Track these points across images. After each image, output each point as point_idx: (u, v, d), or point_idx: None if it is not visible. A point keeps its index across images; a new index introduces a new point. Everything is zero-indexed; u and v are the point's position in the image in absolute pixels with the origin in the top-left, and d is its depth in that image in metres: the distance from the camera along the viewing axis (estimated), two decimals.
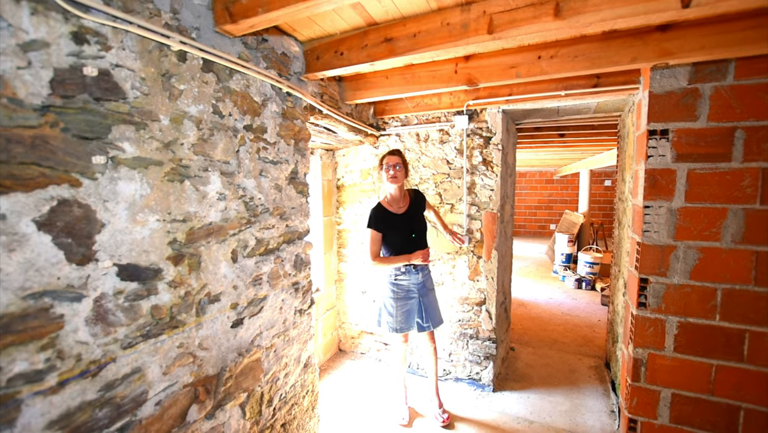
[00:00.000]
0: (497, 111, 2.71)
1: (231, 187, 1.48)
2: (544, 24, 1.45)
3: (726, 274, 1.91)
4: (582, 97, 2.41)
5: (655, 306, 2.06)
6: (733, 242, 1.89)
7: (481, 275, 2.83)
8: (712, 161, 1.91)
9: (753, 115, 1.83)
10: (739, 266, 1.89)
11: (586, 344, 3.75)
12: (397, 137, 3.08)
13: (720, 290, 1.93)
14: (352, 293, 3.42)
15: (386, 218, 2.41)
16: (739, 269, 1.89)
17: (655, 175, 2.01)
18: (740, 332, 1.91)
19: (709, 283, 1.95)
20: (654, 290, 2.05)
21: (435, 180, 2.96)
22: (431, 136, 2.95)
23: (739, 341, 1.91)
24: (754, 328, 1.89)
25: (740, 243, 1.88)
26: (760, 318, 1.88)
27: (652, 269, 2.05)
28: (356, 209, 3.32)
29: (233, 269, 1.48)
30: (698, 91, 1.92)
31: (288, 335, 1.83)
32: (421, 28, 1.65)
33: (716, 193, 1.91)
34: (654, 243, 2.03)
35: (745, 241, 1.87)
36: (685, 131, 1.94)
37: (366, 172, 3.24)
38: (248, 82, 1.59)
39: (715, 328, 1.95)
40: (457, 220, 2.88)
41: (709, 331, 1.97)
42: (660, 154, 2.00)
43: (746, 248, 1.87)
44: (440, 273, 2.98)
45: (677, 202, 1.98)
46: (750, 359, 1.90)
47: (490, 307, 2.82)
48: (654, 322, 2.07)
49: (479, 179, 2.79)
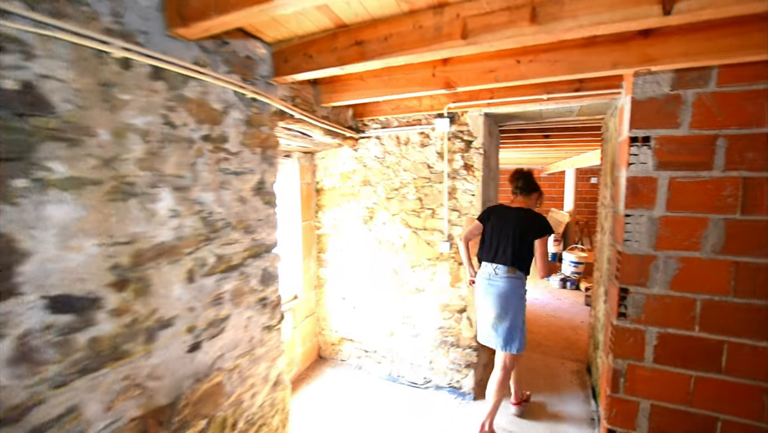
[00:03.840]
0: (479, 114, 2.63)
1: (185, 202, 1.38)
2: (520, 29, 1.37)
3: (706, 284, 1.88)
4: (564, 101, 2.35)
5: (635, 316, 2.02)
6: (713, 252, 1.85)
7: (462, 281, 2.77)
8: (693, 170, 1.86)
9: (735, 123, 1.79)
10: (718, 277, 1.86)
11: (569, 347, 3.74)
12: (377, 140, 2.98)
13: (699, 301, 1.90)
14: (332, 299, 3.34)
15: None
16: (719, 279, 1.86)
17: (637, 183, 1.96)
18: (719, 343, 1.89)
19: (689, 293, 1.91)
20: (634, 300, 2.01)
21: (416, 184, 2.88)
22: (412, 140, 2.86)
23: (718, 352, 1.89)
24: (732, 339, 1.86)
25: (720, 253, 1.84)
26: (738, 329, 1.85)
27: (633, 279, 2.01)
28: (336, 214, 3.22)
29: (189, 290, 1.39)
30: (681, 97, 1.87)
31: (255, 354, 1.74)
32: (393, 30, 1.56)
33: (697, 203, 1.87)
34: (634, 253, 1.99)
35: (725, 251, 1.83)
36: (667, 138, 1.89)
37: (345, 176, 3.15)
38: (206, 89, 1.48)
39: (694, 339, 1.92)
40: (438, 226, 2.82)
41: (688, 342, 1.94)
42: (641, 161, 1.94)
43: (726, 259, 1.84)
44: (421, 280, 2.92)
45: (658, 211, 1.93)
46: (728, 371, 1.88)
47: (471, 314, 2.76)
48: (634, 332, 2.03)
49: (460, 184, 2.72)
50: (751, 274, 1.80)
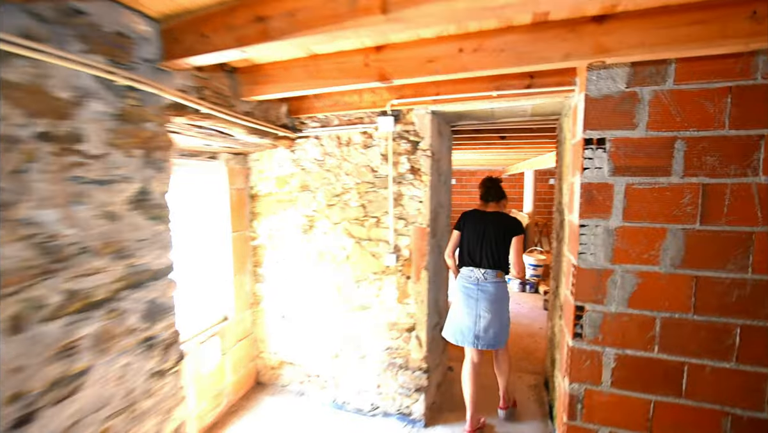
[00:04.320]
0: (425, 112, 2.37)
1: (5, 225, 1.00)
2: (451, 3, 1.10)
3: (665, 301, 1.71)
4: (515, 99, 2.13)
5: (591, 337, 1.83)
6: (673, 265, 1.69)
7: (410, 297, 2.50)
8: (651, 175, 1.69)
9: (693, 125, 1.62)
10: (678, 293, 1.70)
11: (527, 357, 3.58)
12: (316, 140, 2.66)
13: (659, 319, 1.73)
14: (271, 318, 2.98)
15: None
16: (679, 295, 1.70)
17: (592, 190, 1.77)
18: (679, 364, 1.73)
19: (648, 311, 1.74)
20: (591, 319, 1.82)
21: (359, 190, 2.58)
22: (354, 140, 2.56)
23: (678, 374, 1.73)
24: (693, 360, 1.71)
25: (680, 267, 1.68)
26: (699, 349, 1.70)
27: (589, 295, 1.81)
28: (272, 223, 2.86)
29: (11, 345, 1.01)
30: (637, 95, 1.68)
31: (137, 409, 1.37)
32: (299, 4, 1.24)
33: (655, 211, 1.69)
34: (590, 267, 1.79)
35: (685, 265, 1.67)
36: (624, 141, 1.71)
37: (283, 180, 2.80)
38: (44, 72, 1.10)
39: (653, 361, 1.75)
40: (384, 235, 2.53)
41: (647, 364, 1.77)
42: (596, 166, 1.75)
43: (686, 273, 1.68)
44: (366, 296, 2.62)
45: (615, 221, 1.74)
46: (689, 394, 1.72)
47: (420, 333, 2.50)
48: (591, 354, 1.84)
49: (407, 190, 2.45)
50: (712, 289, 1.65)
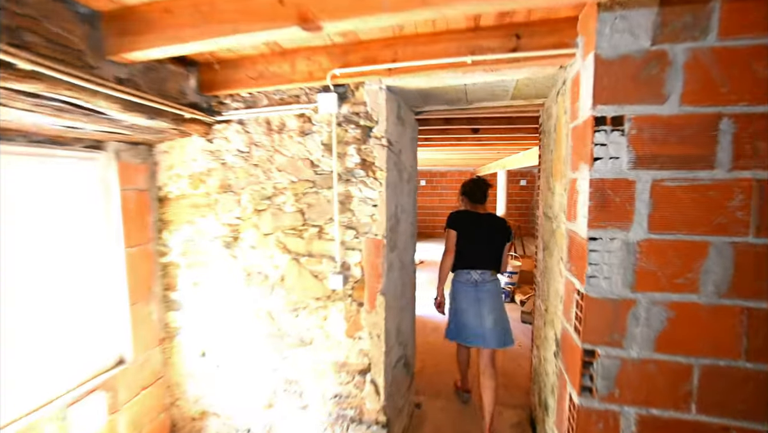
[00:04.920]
0: (379, 88, 1.80)
1: None
2: None
3: (706, 343, 1.25)
4: (496, 69, 1.61)
5: (605, 392, 1.32)
6: (717, 294, 1.22)
7: (362, 330, 1.92)
8: (687, 168, 1.21)
9: (745, 97, 1.16)
10: (724, 332, 1.23)
11: (507, 385, 3.09)
12: (240, 126, 2.03)
13: (697, 368, 1.26)
14: (189, 355, 2.31)
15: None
16: (725, 335, 1.23)
17: (605, 189, 1.26)
18: (723, 429, 1.25)
19: (682, 357, 1.26)
20: (604, 367, 1.32)
21: (295, 191, 1.98)
22: (288, 125, 1.96)
23: None
24: (744, 424, 1.24)
25: (726, 296, 1.22)
26: (752, 409, 1.22)
27: (602, 335, 1.31)
28: (187, 234, 2.20)
29: None
30: (666, 55, 1.20)
31: None
32: None
33: (693, 218, 1.22)
34: (603, 296, 1.29)
35: (734, 292, 1.21)
36: (649, 120, 1.22)
37: (198, 179, 2.15)
38: None
39: (689, 424, 1.28)
40: (328, 250, 1.94)
41: (680, 429, 1.28)
42: (612, 155, 1.25)
43: (735, 304, 1.21)
44: (307, 328, 2.02)
45: (637, 232, 1.25)
46: None
47: (377, 376, 1.92)
48: (604, 415, 1.34)
49: (357, 190, 1.87)
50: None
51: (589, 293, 1.30)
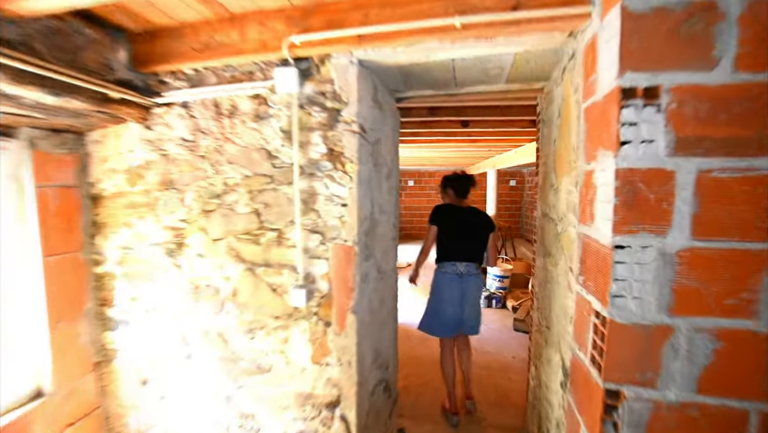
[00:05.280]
0: (349, 61, 1.48)
1: None
2: None
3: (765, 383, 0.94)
4: (492, 36, 1.30)
5: None
6: None
7: (330, 355, 1.59)
8: (741, 154, 0.91)
9: None
10: None
11: (500, 403, 2.79)
12: (184, 110, 1.69)
13: (754, 414, 0.97)
14: (129, 382, 1.95)
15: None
16: None
17: (636, 182, 0.97)
18: None
19: (735, 400, 0.97)
20: (632, 411, 1.02)
21: (250, 187, 1.64)
22: (240, 108, 1.62)
23: None
24: None
25: None
26: None
27: (630, 371, 1.01)
28: (125, 239, 1.84)
29: None
30: (716, 5, 0.90)
31: None
32: None
33: (750, 221, 0.93)
34: (632, 321, 1.00)
35: None
36: (693, 91, 0.93)
37: (135, 173, 1.79)
38: None
39: None
40: (289, 258, 1.61)
41: None
42: (644, 137, 0.95)
43: None
44: (264, 352, 1.68)
45: (677, 237, 0.96)
46: None
47: (347, 410, 1.59)
48: None
49: (322, 185, 1.55)
50: None
51: (614, 318, 1.00)
